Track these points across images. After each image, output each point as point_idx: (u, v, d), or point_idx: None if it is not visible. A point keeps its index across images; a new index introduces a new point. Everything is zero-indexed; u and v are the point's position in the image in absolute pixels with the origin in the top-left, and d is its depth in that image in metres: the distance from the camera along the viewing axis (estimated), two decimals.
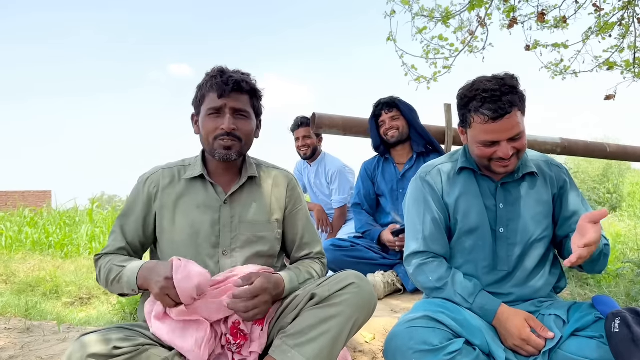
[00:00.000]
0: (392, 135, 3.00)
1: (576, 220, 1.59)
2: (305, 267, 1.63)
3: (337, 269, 2.88)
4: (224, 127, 1.53)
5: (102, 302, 4.54)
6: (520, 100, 1.53)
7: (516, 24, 4.46)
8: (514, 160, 1.57)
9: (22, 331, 2.42)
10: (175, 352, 1.30)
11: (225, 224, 1.57)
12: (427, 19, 4.54)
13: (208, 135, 1.56)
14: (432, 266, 1.63)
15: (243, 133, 1.57)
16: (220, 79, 1.54)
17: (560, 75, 5.01)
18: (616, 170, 14.16)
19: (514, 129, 1.52)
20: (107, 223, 9.17)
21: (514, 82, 1.54)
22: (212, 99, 1.55)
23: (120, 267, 1.45)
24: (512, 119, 1.51)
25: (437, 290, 1.61)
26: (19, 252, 6.45)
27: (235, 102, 1.55)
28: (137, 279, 1.39)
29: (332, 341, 1.34)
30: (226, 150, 1.54)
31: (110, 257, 1.52)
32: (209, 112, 1.56)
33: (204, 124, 1.57)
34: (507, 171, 1.59)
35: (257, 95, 1.64)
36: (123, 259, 1.50)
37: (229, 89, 1.53)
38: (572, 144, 4.20)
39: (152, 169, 1.67)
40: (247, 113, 1.59)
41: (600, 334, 1.40)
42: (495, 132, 1.53)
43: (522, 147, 1.55)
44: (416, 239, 1.69)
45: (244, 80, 1.57)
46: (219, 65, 1.60)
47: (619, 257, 4.60)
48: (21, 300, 3.77)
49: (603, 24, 4.50)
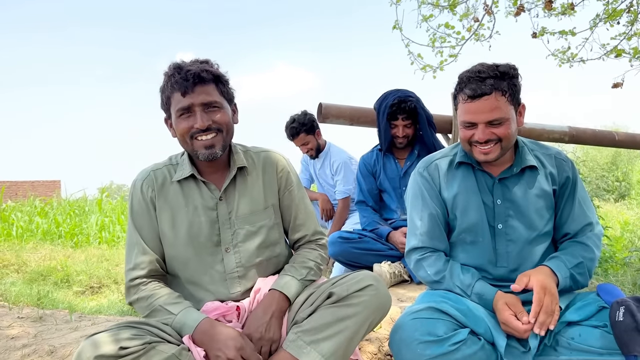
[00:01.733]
0: (400, 142, 2.94)
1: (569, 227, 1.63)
2: (300, 260, 1.61)
3: (345, 261, 2.90)
4: (198, 126, 1.45)
5: (113, 290, 4.61)
6: (508, 88, 1.51)
7: (523, 12, 4.41)
8: (495, 149, 1.55)
9: (35, 320, 2.47)
10: (182, 347, 1.31)
11: (224, 221, 1.56)
12: (433, 7, 4.50)
13: (184, 136, 1.49)
14: (430, 260, 1.65)
15: (221, 124, 1.50)
16: (179, 75, 1.45)
17: (568, 62, 4.96)
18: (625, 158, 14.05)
19: (493, 113, 1.50)
20: (116, 212, 9.26)
21: (507, 70, 1.52)
22: (178, 99, 1.47)
23: (168, 312, 1.41)
24: (490, 101, 1.50)
25: (436, 283, 1.63)
26: (30, 242, 6.54)
27: (202, 96, 1.46)
28: (194, 337, 1.36)
29: (347, 340, 1.36)
30: (209, 150, 1.48)
31: (150, 291, 1.47)
32: (179, 113, 1.48)
33: (177, 126, 1.49)
34: (487, 159, 1.57)
35: (222, 81, 1.53)
36: (167, 299, 1.44)
37: (190, 84, 1.44)
38: (580, 132, 4.18)
39: (141, 172, 1.61)
40: (218, 103, 1.50)
41: (604, 323, 1.40)
42: (472, 112, 1.53)
43: (504, 135, 1.52)
44: (415, 234, 1.70)
45: (203, 69, 1.47)
46: (174, 62, 1.51)
47: (627, 245, 4.59)
48: (33, 290, 3.84)
49: (611, 11, 4.44)
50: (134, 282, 1.50)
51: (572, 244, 1.61)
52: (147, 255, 1.53)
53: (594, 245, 1.59)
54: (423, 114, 2.91)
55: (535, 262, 1.61)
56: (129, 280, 1.51)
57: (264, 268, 1.60)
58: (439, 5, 4.46)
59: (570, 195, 1.64)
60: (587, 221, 1.62)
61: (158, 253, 1.55)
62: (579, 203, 1.64)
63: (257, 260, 1.57)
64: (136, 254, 1.53)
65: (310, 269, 1.59)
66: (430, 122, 2.97)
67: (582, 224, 1.62)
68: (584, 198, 1.65)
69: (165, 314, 1.41)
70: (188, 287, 1.55)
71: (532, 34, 4.61)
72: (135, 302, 1.49)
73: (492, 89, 1.50)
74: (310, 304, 1.45)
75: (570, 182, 1.65)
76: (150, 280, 1.51)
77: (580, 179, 1.68)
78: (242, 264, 1.56)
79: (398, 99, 2.86)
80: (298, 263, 1.60)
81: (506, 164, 1.65)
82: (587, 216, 1.63)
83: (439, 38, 4.65)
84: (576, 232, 1.63)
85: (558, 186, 1.65)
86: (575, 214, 1.63)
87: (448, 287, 1.60)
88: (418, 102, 2.91)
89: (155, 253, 1.54)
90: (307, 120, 3.62)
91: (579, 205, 1.63)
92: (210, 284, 1.54)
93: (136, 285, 1.50)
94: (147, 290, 1.47)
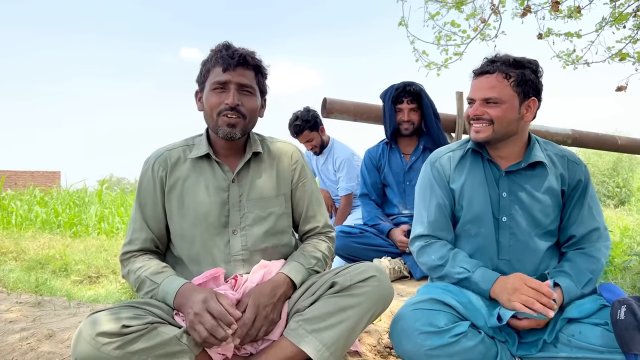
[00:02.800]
0: (406, 128, 2.94)
1: (576, 230, 1.62)
2: (310, 249, 1.61)
3: (346, 255, 2.90)
4: (228, 102, 1.49)
5: (111, 280, 4.61)
6: (516, 75, 1.55)
7: (530, 12, 4.40)
8: (486, 130, 1.58)
9: (33, 305, 2.47)
10: (184, 330, 1.30)
11: (234, 203, 1.56)
12: (440, 5, 4.49)
13: (212, 111, 1.52)
14: (435, 247, 1.65)
15: (247, 109, 1.53)
16: (226, 52, 1.51)
17: (572, 65, 4.95)
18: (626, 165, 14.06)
19: (489, 91, 1.56)
20: (115, 204, 9.27)
21: (522, 60, 1.57)
22: (217, 73, 1.51)
23: (153, 282, 1.42)
24: (490, 80, 1.57)
25: (439, 267, 1.62)
26: (29, 230, 6.55)
27: (240, 76, 1.51)
28: (174, 303, 1.37)
29: (349, 330, 1.36)
30: (230, 128, 1.50)
31: (140, 263, 1.49)
32: (214, 86, 1.51)
33: (207, 99, 1.53)
34: (477, 138, 1.61)
35: (262, 72, 1.59)
36: (154, 269, 1.46)
37: (234, 63, 1.49)
38: (583, 136, 4.17)
39: (155, 151, 1.63)
40: (252, 89, 1.54)
41: (605, 321, 1.40)
42: (473, 88, 1.63)
43: (496, 116, 1.56)
44: (422, 222, 1.71)
45: (249, 55, 1.53)
46: (225, 41, 1.56)
47: (626, 250, 4.59)
48: (31, 277, 3.84)
49: (618, 15, 4.43)
50: (126, 256, 1.54)
51: (580, 257, 1.58)
52: (143, 232, 1.55)
53: (602, 256, 1.59)
54: (427, 102, 2.94)
55: (536, 256, 1.61)
56: (122, 254, 1.55)
57: (268, 255, 1.59)
58: (446, 3, 4.45)
59: (580, 198, 1.63)
60: (594, 226, 1.61)
61: (157, 232, 1.57)
62: (588, 207, 1.63)
63: (262, 245, 1.57)
64: (133, 230, 1.56)
65: (319, 259, 1.59)
66: (434, 112, 2.99)
67: (589, 229, 1.61)
68: (594, 202, 1.64)
69: (150, 284, 1.43)
70: (191, 267, 1.55)
71: (538, 35, 4.61)
72: (126, 275, 1.52)
73: (496, 69, 1.56)
74: (312, 293, 1.44)
75: (582, 186, 1.64)
76: (141, 253, 1.54)
77: (591, 184, 1.68)
78: (247, 247, 1.55)
79: (403, 83, 2.94)
80: (308, 252, 1.60)
81: (515, 159, 1.65)
82: (595, 221, 1.62)
83: (444, 36, 4.65)
84: (582, 236, 1.61)
85: (568, 188, 1.64)
86: (583, 218, 1.62)
87: (449, 270, 1.59)
88: (422, 88, 2.95)
89: (154, 232, 1.56)
90: (310, 117, 3.61)
91: (588, 209, 1.63)
92: (213, 265, 1.53)
93: (127, 259, 1.54)
94: (136, 262, 1.50)
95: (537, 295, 1.40)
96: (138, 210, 1.57)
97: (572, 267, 1.55)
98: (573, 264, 1.56)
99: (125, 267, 1.53)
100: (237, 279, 1.50)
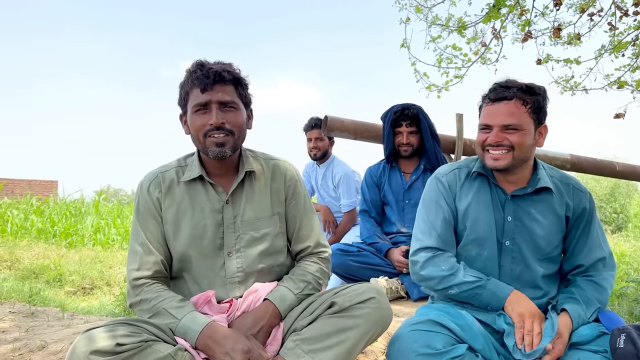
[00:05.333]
0: (405, 150, 2.97)
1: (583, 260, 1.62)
2: (300, 273, 1.58)
3: (343, 274, 2.88)
4: (212, 122, 1.46)
5: (105, 292, 4.57)
6: (531, 101, 1.57)
7: (530, 38, 4.47)
8: (506, 157, 1.57)
9: (27, 315, 2.45)
10: (178, 347, 1.29)
11: (229, 225, 1.54)
12: (442, 28, 4.55)
13: (198, 133, 1.49)
14: (443, 257, 1.63)
15: (234, 125, 1.50)
16: (201, 72, 1.47)
17: (570, 90, 5.01)
18: (624, 191, 14.09)
19: (510, 117, 1.55)
20: (112, 215, 9.22)
21: (534, 87, 1.59)
22: (196, 95, 1.48)
23: (172, 316, 1.38)
24: (509, 106, 1.56)
25: (448, 277, 1.59)
26: (24, 239, 6.51)
27: (219, 94, 1.47)
28: (197, 342, 1.34)
29: (346, 352, 1.34)
30: (219, 147, 1.47)
31: (154, 293, 1.45)
32: (195, 108, 1.49)
33: (192, 122, 1.50)
34: (496, 166, 1.59)
35: (242, 84, 1.55)
36: (173, 302, 1.42)
37: (210, 82, 1.45)
38: (582, 161, 4.19)
39: (148, 173, 1.60)
40: (235, 104, 1.51)
41: (605, 349, 1.39)
42: (490, 114, 1.60)
43: (517, 143, 1.55)
44: (430, 235, 1.68)
45: (225, 70, 1.49)
46: (198, 60, 1.52)
47: (623, 276, 4.58)
48: (25, 286, 3.80)
49: (617, 43, 4.50)
50: (138, 282, 1.47)
51: (589, 285, 1.58)
52: (152, 256, 1.51)
53: (609, 286, 1.59)
54: (425, 123, 2.97)
55: (538, 282, 1.61)
56: (133, 280, 1.48)
57: (265, 275, 1.58)
58: (448, 27, 4.51)
59: (586, 227, 1.64)
60: (600, 255, 1.62)
61: (163, 254, 1.54)
62: (595, 235, 1.64)
63: (259, 266, 1.56)
64: (141, 254, 1.50)
65: (309, 282, 1.56)
66: (433, 133, 3.02)
67: (597, 258, 1.62)
68: (600, 230, 1.65)
69: (169, 317, 1.39)
70: (191, 287, 1.54)
71: (537, 60, 4.67)
72: (137, 303, 1.46)
73: (514, 95, 1.56)
74: (310, 312, 1.43)
75: (587, 215, 1.65)
76: (154, 282, 1.49)
77: (596, 212, 1.68)
78: (243, 269, 1.54)
79: (402, 106, 2.97)
80: (297, 275, 1.57)
81: (522, 183, 1.66)
82: (601, 250, 1.63)
83: (445, 59, 4.71)
84: (590, 265, 1.62)
85: (572, 215, 1.64)
86: (590, 247, 1.62)
87: (459, 280, 1.57)
88: (421, 110, 2.98)
89: (160, 254, 1.52)
90: None
91: (595, 237, 1.63)
92: (209, 287, 1.52)
93: (140, 286, 1.47)
94: (151, 292, 1.45)
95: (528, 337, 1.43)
96: (141, 234, 1.52)
97: (582, 295, 1.55)
98: (582, 292, 1.56)
99: (137, 296, 1.46)
100: (232, 303, 1.49)
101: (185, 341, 1.35)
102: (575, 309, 1.50)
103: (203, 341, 1.33)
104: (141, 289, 1.46)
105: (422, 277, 1.66)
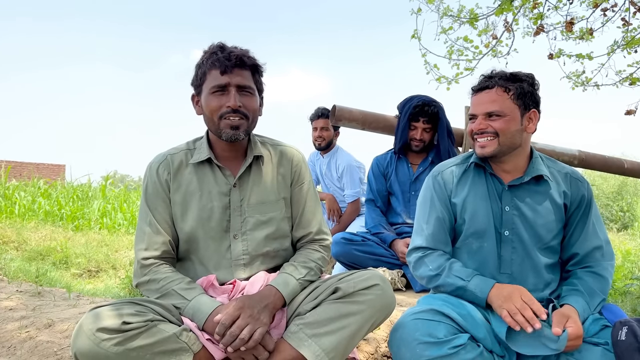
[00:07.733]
0: (416, 145, 2.96)
1: (580, 248, 1.62)
2: (302, 260, 1.58)
3: (346, 262, 2.90)
4: (230, 105, 1.47)
5: (110, 275, 4.61)
6: (515, 88, 1.59)
7: (543, 31, 4.42)
8: (491, 143, 1.60)
9: (33, 294, 2.48)
10: (183, 328, 1.31)
11: (235, 208, 1.56)
12: (454, 19, 4.51)
13: (213, 115, 1.50)
14: (432, 257, 1.66)
15: (249, 110, 1.52)
16: (222, 54, 1.48)
17: (581, 86, 4.96)
18: (631, 189, 13.99)
19: (491, 105, 1.60)
20: (118, 200, 9.28)
21: (519, 74, 1.62)
22: (215, 76, 1.49)
23: (182, 297, 1.40)
24: (490, 94, 1.61)
25: (435, 277, 1.61)
26: (32, 221, 6.55)
27: (239, 78, 1.49)
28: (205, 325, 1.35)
29: (349, 337, 1.35)
30: (234, 130, 1.49)
31: (163, 274, 1.46)
32: (213, 90, 1.49)
33: (207, 103, 1.51)
34: (483, 153, 1.63)
35: (259, 71, 1.58)
36: (182, 284, 1.43)
37: (231, 65, 1.47)
38: (590, 157, 4.16)
39: (157, 156, 1.61)
40: (252, 89, 1.53)
41: (606, 341, 1.40)
42: (474, 104, 1.66)
43: (501, 129, 1.58)
44: (421, 235, 1.72)
45: (245, 55, 1.52)
46: (218, 42, 1.54)
47: (627, 274, 4.57)
48: (32, 267, 3.85)
49: (630, 39, 4.44)
50: (147, 262, 1.48)
51: (590, 276, 1.58)
52: (160, 236, 1.52)
53: (609, 276, 1.60)
54: (444, 121, 2.95)
55: (538, 272, 1.61)
56: (142, 259, 1.49)
57: (270, 259, 1.60)
58: (460, 19, 4.47)
59: (584, 215, 1.64)
60: (597, 243, 1.62)
61: (171, 234, 1.55)
62: (591, 224, 1.64)
63: (264, 250, 1.57)
64: (149, 234, 1.52)
65: (311, 269, 1.56)
66: (449, 132, 2.99)
67: (593, 246, 1.62)
68: (597, 218, 1.65)
69: (178, 298, 1.41)
70: (197, 269, 1.56)
71: (549, 54, 4.62)
72: (145, 283, 1.47)
73: (495, 84, 1.61)
74: (314, 297, 1.44)
75: (585, 202, 1.65)
76: (162, 262, 1.51)
77: (594, 200, 1.68)
78: (248, 252, 1.56)
79: (422, 101, 2.90)
80: (299, 262, 1.57)
81: (518, 173, 1.66)
82: (598, 238, 1.63)
83: (456, 50, 4.67)
84: (586, 254, 1.62)
85: (571, 204, 1.65)
86: (586, 235, 1.63)
87: (445, 280, 1.59)
88: (441, 109, 2.95)
89: (168, 235, 1.54)
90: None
91: (591, 226, 1.64)
92: (215, 268, 1.54)
93: (148, 266, 1.48)
94: (160, 273, 1.46)
95: (523, 308, 1.40)
96: (149, 215, 1.54)
97: (585, 287, 1.55)
98: (585, 284, 1.56)
99: (145, 275, 1.47)
100: (235, 285, 1.50)
101: (191, 322, 1.37)
102: (579, 302, 1.50)
103: (210, 324, 1.34)
104: (149, 269, 1.48)
105: (416, 277, 1.71)
